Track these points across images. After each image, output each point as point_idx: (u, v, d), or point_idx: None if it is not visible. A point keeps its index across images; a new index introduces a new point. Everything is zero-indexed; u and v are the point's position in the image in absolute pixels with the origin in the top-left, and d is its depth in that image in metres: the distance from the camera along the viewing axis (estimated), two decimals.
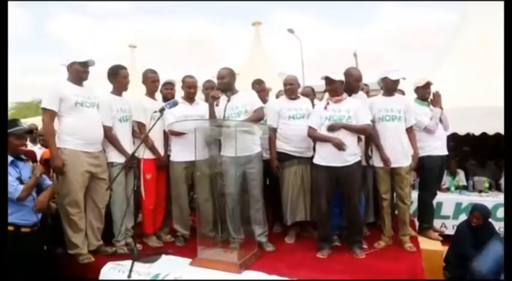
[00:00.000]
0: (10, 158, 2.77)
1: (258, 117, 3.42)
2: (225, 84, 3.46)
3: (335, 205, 3.42)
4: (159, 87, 3.85)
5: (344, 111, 3.28)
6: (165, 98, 3.83)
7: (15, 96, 21.14)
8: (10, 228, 2.64)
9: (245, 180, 3.39)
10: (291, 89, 3.77)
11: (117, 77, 3.52)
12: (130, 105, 3.60)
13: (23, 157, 2.94)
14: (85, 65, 3.28)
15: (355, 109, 3.28)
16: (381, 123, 3.54)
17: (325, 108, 3.34)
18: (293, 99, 3.76)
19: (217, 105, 3.36)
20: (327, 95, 3.48)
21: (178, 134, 3.52)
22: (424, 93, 4.04)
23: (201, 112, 3.61)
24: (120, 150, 3.43)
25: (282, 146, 3.67)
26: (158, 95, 3.91)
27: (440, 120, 3.98)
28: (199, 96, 4.10)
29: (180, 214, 3.67)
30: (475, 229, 3.92)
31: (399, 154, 3.49)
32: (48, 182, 3.06)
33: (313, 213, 3.56)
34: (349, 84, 3.47)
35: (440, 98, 4.02)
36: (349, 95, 3.44)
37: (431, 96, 4.06)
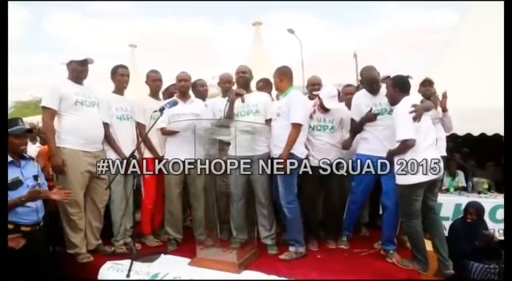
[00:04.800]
0: (9, 159, 2.70)
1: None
2: (246, 78, 3.52)
3: (352, 202, 3.53)
4: (162, 86, 3.83)
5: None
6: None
7: (14, 95, 21.19)
8: (9, 226, 2.60)
9: (249, 181, 3.37)
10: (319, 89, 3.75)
11: (115, 75, 3.54)
12: (132, 105, 3.60)
13: (25, 155, 2.90)
14: (83, 64, 3.27)
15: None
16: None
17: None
18: None
19: (243, 101, 3.35)
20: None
21: (170, 133, 3.48)
22: (423, 91, 3.91)
23: (195, 110, 3.56)
24: (115, 148, 3.41)
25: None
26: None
27: (442, 122, 3.84)
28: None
29: (172, 217, 3.57)
30: (470, 226, 3.96)
31: None
32: (45, 186, 2.94)
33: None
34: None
35: (445, 99, 3.81)
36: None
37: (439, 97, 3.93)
